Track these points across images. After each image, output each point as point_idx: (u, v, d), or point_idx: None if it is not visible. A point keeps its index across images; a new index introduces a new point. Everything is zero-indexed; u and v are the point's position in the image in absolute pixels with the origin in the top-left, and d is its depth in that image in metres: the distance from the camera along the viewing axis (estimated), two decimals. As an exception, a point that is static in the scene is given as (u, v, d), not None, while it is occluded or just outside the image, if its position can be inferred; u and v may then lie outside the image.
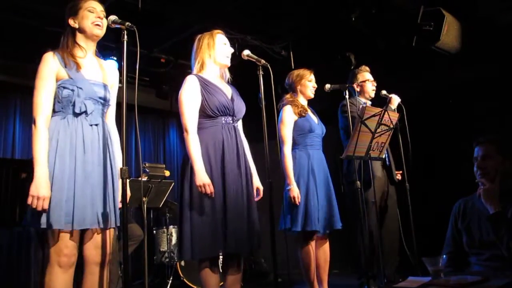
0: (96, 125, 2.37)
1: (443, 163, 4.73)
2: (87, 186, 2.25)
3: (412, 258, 3.65)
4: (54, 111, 2.32)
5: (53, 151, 2.24)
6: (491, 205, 2.49)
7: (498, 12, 4.40)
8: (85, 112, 2.32)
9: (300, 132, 3.59)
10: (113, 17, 2.33)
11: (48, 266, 2.22)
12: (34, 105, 2.27)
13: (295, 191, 3.41)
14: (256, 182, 2.95)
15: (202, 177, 2.62)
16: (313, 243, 3.52)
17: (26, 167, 3.68)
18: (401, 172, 3.97)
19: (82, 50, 2.44)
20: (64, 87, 2.30)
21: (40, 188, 2.13)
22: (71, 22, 2.41)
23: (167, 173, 4.99)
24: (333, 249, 3.67)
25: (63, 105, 2.30)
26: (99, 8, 2.44)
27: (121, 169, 2.18)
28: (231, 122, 2.85)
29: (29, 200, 2.12)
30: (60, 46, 2.43)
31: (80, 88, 2.31)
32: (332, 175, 3.67)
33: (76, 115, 2.31)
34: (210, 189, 2.61)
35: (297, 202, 3.39)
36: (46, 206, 2.13)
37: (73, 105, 2.30)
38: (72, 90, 2.30)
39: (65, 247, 2.20)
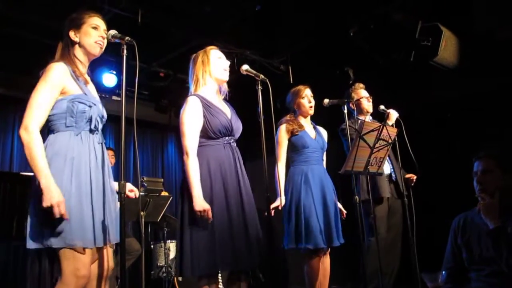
0: (101, 143, 2.36)
1: (442, 177, 4.72)
2: (100, 203, 2.22)
3: (413, 272, 3.62)
4: (65, 126, 2.22)
5: (69, 168, 2.15)
6: (491, 220, 2.48)
7: (495, 27, 4.43)
8: (97, 129, 2.31)
9: (294, 149, 3.62)
10: (113, 32, 2.32)
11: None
12: (31, 109, 2.12)
13: (278, 202, 3.37)
14: None
15: (201, 203, 2.59)
16: (318, 259, 3.49)
17: (24, 180, 3.67)
18: (412, 175, 3.97)
19: (82, 65, 2.39)
20: (80, 102, 2.23)
21: (52, 197, 2.00)
22: (71, 34, 2.35)
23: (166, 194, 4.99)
24: (332, 264, 3.65)
25: (76, 120, 2.23)
26: (103, 26, 2.40)
27: (119, 183, 2.16)
28: (231, 141, 2.86)
29: (55, 211, 1.99)
30: (63, 56, 2.34)
31: (95, 105, 2.29)
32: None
33: (91, 131, 2.28)
34: (209, 214, 2.59)
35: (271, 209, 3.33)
36: (64, 211, 2.02)
37: (89, 121, 2.26)
38: (90, 106, 2.25)
39: (83, 267, 2.12)
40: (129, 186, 2.47)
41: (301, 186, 3.51)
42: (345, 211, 3.67)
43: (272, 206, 3.33)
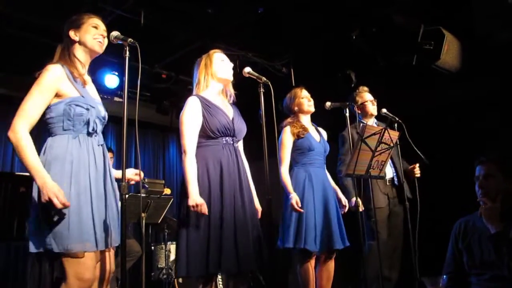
0: (102, 145, 2.35)
1: (443, 181, 4.71)
2: (101, 206, 2.21)
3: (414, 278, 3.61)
4: (63, 129, 2.21)
5: (67, 173, 2.14)
6: (492, 224, 2.47)
7: (496, 30, 4.41)
8: (95, 131, 2.30)
9: (299, 151, 3.61)
10: (115, 33, 2.33)
11: None
12: (21, 110, 2.14)
13: (294, 198, 3.40)
14: (256, 204, 2.95)
15: (195, 198, 2.61)
16: (312, 262, 3.48)
17: (25, 181, 3.66)
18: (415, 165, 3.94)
19: (82, 65, 2.38)
20: (77, 105, 2.21)
21: (48, 190, 1.99)
22: (71, 34, 2.34)
23: (168, 191, 4.96)
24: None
25: (74, 123, 2.21)
26: (103, 27, 2.42)
27: (120, 185, 2.15)
28: (232, 142, 2.87)
29: (55, 202, 1.98)
30: (61, 58, 2.34)
31: (93, 107, 2.27)
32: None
33: (89, 134, 2.27)
34: (204, 208, 2.60)
35: (298, 209, 3.37)
36: (64, 199, 2.00)
37: (87, 124, 2.24)
38: (87, 109, 2.23)
39: (87, 270, 2.11)
40: (133, 171, 2.51)
41: (304, 186, 3.52)
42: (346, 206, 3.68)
43: (294, 202, 3.38)
